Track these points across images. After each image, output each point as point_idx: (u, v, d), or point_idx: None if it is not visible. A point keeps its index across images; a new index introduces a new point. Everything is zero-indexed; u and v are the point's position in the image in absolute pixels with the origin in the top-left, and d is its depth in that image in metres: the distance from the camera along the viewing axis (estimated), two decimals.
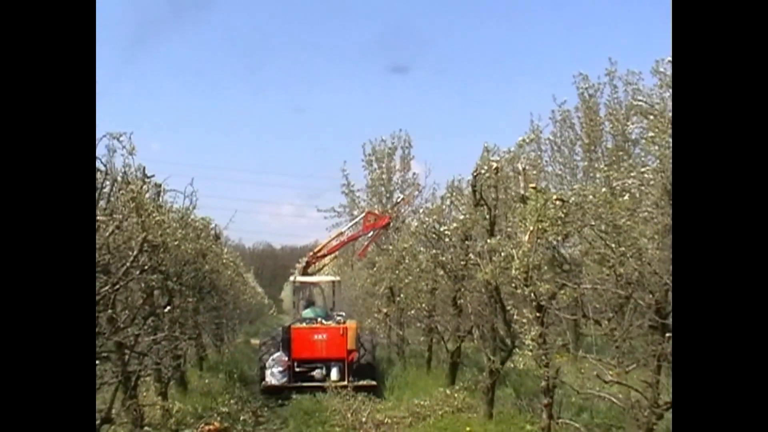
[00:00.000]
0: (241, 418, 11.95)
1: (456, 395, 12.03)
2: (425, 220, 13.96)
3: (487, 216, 10.24)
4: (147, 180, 9.54)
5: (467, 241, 11.54)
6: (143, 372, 9.31)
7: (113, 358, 8.14)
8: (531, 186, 8.47)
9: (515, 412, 10.78)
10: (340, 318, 16.22)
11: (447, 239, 12.58)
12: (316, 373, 15.31)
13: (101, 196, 7.81)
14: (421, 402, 12.14)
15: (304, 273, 17.74)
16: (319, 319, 16.17)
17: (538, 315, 8.08)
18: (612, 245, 7.05)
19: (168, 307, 10.15)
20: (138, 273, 8.22)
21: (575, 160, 19.14)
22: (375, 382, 15.01)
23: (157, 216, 9.10)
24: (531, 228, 7.91)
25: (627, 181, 7.57)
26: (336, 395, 13.19)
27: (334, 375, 15.11)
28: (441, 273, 13.14)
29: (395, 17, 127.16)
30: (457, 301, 12.49)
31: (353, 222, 19.26)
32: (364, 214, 18.82)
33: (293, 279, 18.39)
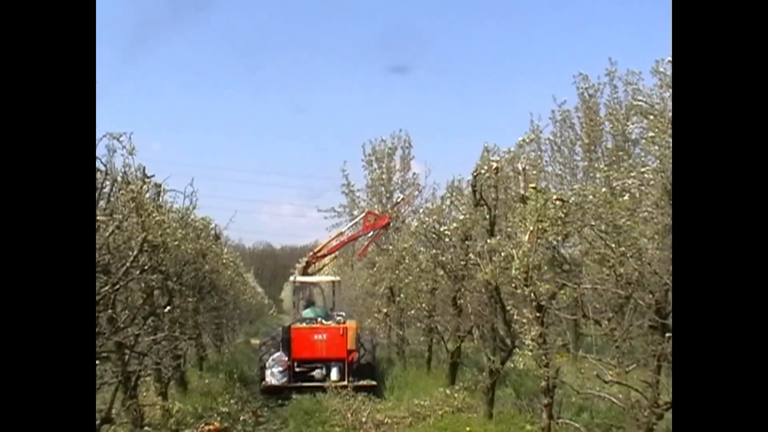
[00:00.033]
0: (241, 418, 11.96)
1: (456, 395, 12.03)
2: (425, 220, 13.95)
3: (487, 216, 10.24)
4: (147, 180, 9.54)
5: (467, 241, 11.54)
6: (143, 372, 9.31)
7: (113, 358, 8.14)
8: (531, 186, 8.46)
9: (515, 412, 10.78)
10: (340, 318, 16.21)
11: (447, 239, 12.57)
12: (316, 373, 15.31)
13: (101, 196, 7.81)
14: (421, 402, 12.14)
15: (304, 273, 17.74)
16: (319, 319, 16.17)
17: (538, 315, 8.08)
18: (612, 245, 7.05)
19: (168, 307, 10.14)
20: (138, 273, 8.21)
21: (575, 160, 19.17)
22: (375, 382, 15.01)
23: (157, 216, 9.10)
24: (531, 228, 7.91)
25: (627, 181, 7.57)
26: (336, 395, 13.19)
27: (334, 375, 15.11)
28: (441, 273, 13.13)
29: (395, 17, 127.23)
30: (457, 301, 12.48)
31: (353, 222, 19.26)
32: (364, 214, 18.82)
33: (293, 279, 18.40)
